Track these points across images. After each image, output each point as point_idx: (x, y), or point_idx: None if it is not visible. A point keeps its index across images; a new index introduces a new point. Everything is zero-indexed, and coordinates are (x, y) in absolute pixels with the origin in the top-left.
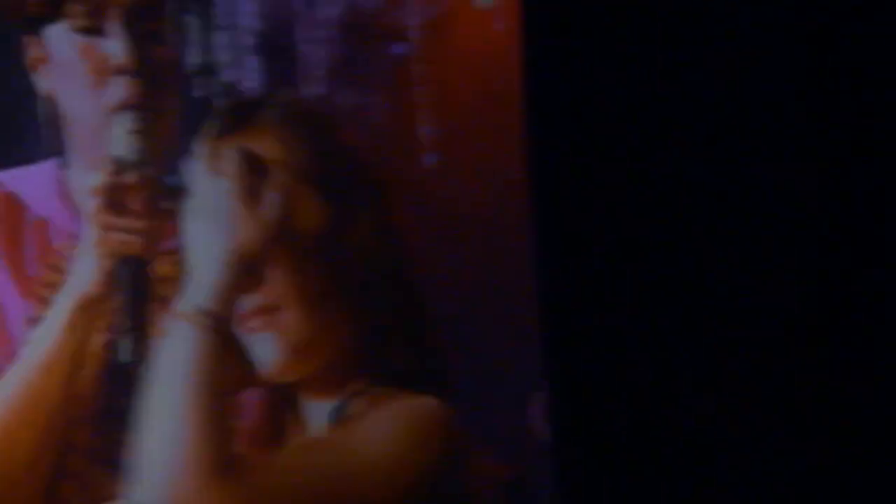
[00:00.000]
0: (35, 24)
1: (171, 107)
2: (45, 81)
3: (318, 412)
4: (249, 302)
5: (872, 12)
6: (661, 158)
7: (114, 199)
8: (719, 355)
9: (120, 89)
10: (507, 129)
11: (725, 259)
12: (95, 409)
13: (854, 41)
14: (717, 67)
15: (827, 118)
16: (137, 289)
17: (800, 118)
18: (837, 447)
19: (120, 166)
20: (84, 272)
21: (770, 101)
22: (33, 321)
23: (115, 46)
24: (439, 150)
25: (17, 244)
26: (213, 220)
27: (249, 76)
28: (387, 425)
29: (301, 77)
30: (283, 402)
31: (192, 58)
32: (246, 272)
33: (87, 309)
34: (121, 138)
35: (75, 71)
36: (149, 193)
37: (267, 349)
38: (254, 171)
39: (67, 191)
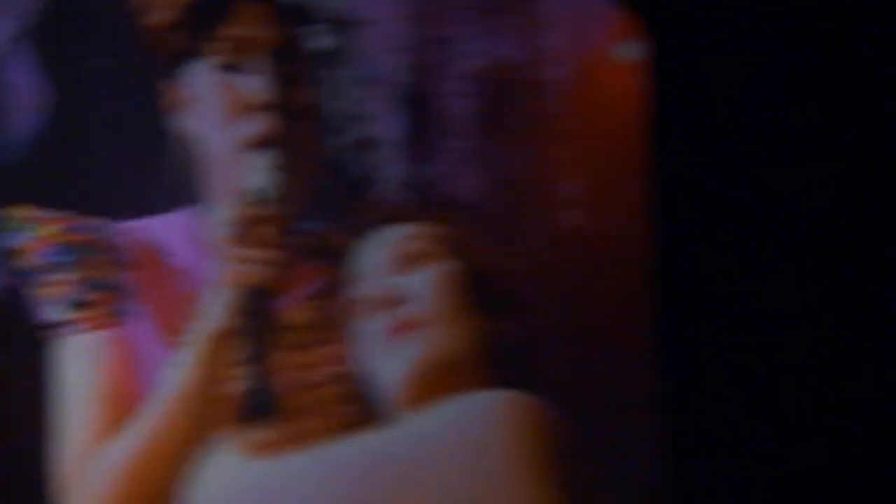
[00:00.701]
0: (176, 62)
1: (307, 147)
2: (184, 120)
3: None
4: (397, 314)
5: None
6: (787, 223)
7: (245, 230)
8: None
9: (258, 125)
10: (636, 185)
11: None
12: None
13: None
14: (852, 113)
15: None
16: (264, 320)
17: None
18: None
19: (253, 199)
20: (215, 306)
21: None
22: None
23: (255, 83)
24: (578, 207)
25: (157, 293)
26: None
27: (392, 128)
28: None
29: (442, 130)
30: None
31: (336, 106)
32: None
33: (218, 342)
34: (257, 172)
35: (213, 107)
36: (280, 228)
37: (401, 364)
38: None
39: (203, 238)
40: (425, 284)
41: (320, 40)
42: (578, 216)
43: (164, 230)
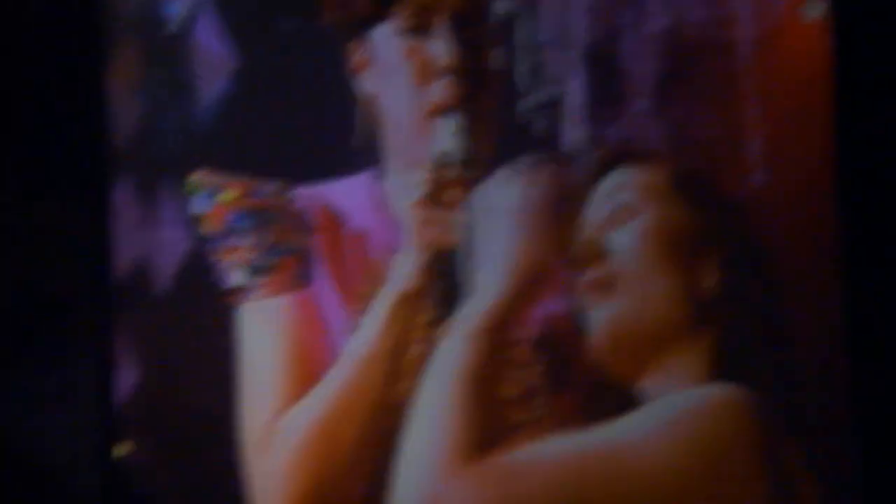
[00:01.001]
0: (362, 25)
1: (491, 111)
2: (368, 84)
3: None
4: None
5: None
6: None
7: (434, 193)
8: None
9: (445, 90)
10: (820, 145)
11: None
12: None
13: None
14: None
15: None
16: (454, 281)
17: None
18: None
19: (443, 163)
20: (403, 267)
21: None
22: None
23: (441, 48)
24: (765, 168)
25: (338, 257)
26: (509, 234)
27: (575, 90)
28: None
29: (627, 92)
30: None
31: (519, 68)
32: (529, 289)
33: (406, 303)
34: (445, 137)
35: (399, 72)
36: (469, 190)
37: (598, 321)
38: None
39: (384, 203)
40: (628, 239)
41: (505, 2)
42: (763, 177)
43: (346, 194)
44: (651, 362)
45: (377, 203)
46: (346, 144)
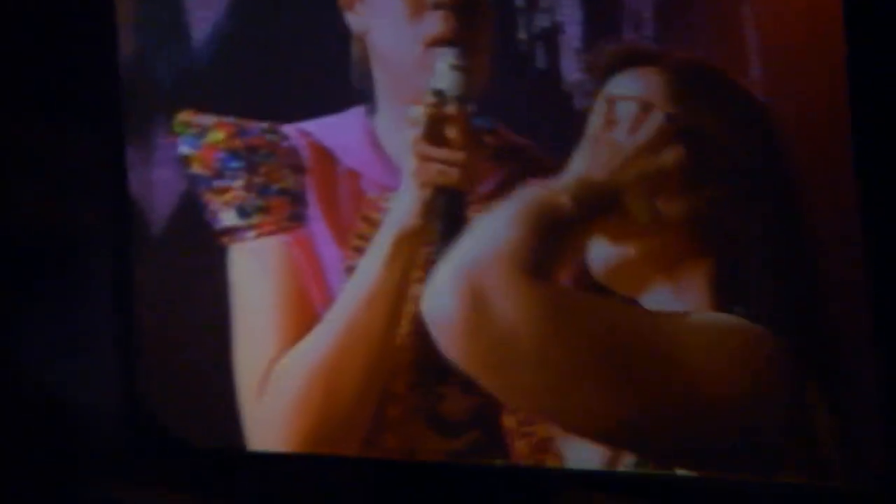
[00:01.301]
0: None
1: (486, 44)
2: (360, 19)
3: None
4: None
5: None
6: None
7: (433, 129)
8: None
9: (439, 23)
10: (831, 68)
11: None
12: (412, 361)
13: None
14: None
15: None
16: (453, 219)
17: None
18: None
19: (440, 99)
20: (403, 204)
21: None
22: (350, 270)
23: None
24: (769, 94)
25: (331, 196)
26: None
27: (572, 19)
28: (715, 336)
29: (626, 21)
30: None
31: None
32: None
33: (407, 241)
34: (442, 72)
35: (390, 5)
36: (467, 126)
37: (602, 253)
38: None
39: (377, 141)
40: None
41: None
42: (772, 103)
43: (338, 130)
44: (653, 281)
45: (370, 140)
46: (341, 80)
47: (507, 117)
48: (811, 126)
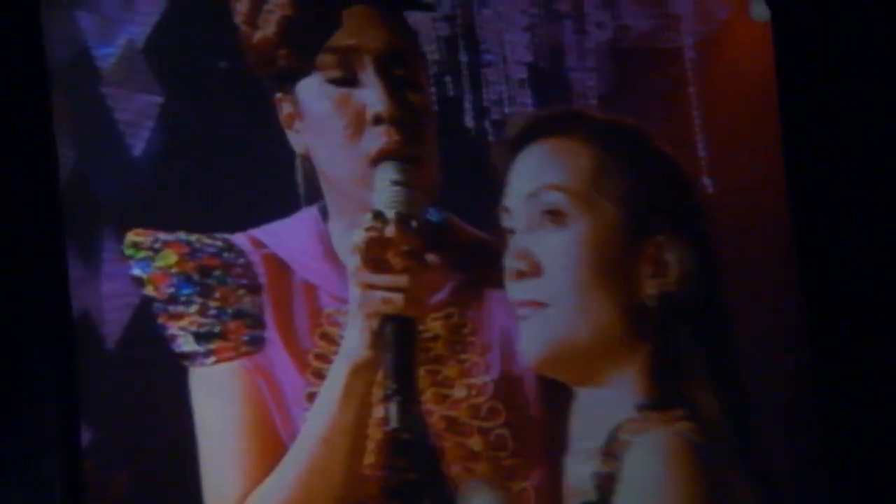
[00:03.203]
0: (287, 79)
1: (431, 153)
2: (301, 138)
3: (587, 398)
4: (523, 292)
5: None
6: None
7: (373, 255)
8: None
9: (378, 139)
10: (768, 148)
11: None
12: (380, 491)
13: None
14: None
15: None
16: (402, 350)
17: None
18: None
19: (380, 221)
20: (353, 336)
21: None
22: (311, 397)
23: (371, 95)
24: (714, 173)
25: (288, 313)
26: None
27: (521, 109)
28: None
29: (574, 107)
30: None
31: (463, 95)
32: None
33: (361, 375)
34: (384, 191)
35: (331, 124)
36: (411, 247)
37: (530, 338)
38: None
39: (331, 248)
40: (561, 250)
41: (442, 26)
42: (712, 183)
43: (293, 237)
44: (588, 371)
45: (325, 248)
46: (288, 187)
47: (462, 211)
48: (751, 200)
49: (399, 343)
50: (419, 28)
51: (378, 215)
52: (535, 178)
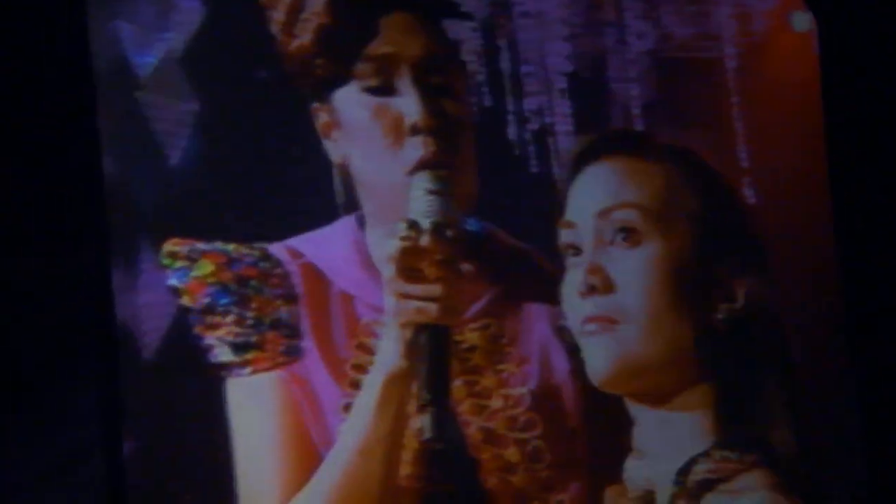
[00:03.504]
0: (324, 88)
1: (468, 162)
2: (338, 147)
3: (653, 418)
4: (594, 308)
5: None
6: None
7: (408, 265)
8: None
9: (416, 149)
10: (814, 157)
11: None
12: (419, 499)
13: None
14: None
15: None
16: (436, 359)
17: None
18: None
19: (414, 230)
20: (388, 346)
21: None
22: (347, 408)
23: (408, 104)
24: (757, 183)
25: (325, 323)
26: None
27: (561, 119)
28: None
29: (615, 117)
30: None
31: (503, 104)
32: None
33: (397, 385)
34: (419, 200)
35: (369, 134)
36: (446, 257)
37: (598, 356)
38: None
39: (369, 257)
40: (634, 269)
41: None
42: (756, 194)
43: (330, 247)
44: (656, 391)
45: (362, 257)
46: (325, 194)
47: (502, 221)
48: (795, 212)
49: (433, 352)
50: (461, 37)
51: (413, 225)
52: (607, 195)
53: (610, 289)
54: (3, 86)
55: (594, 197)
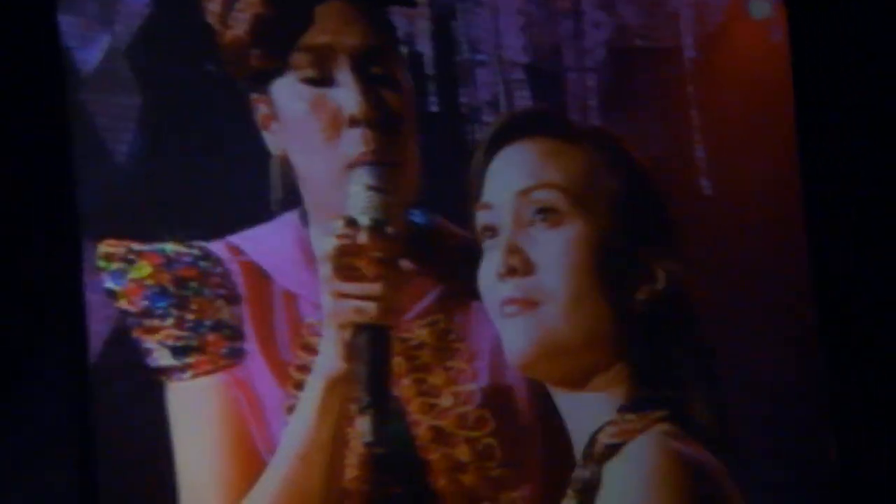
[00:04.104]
0: (261, 79)
1: (409, 156)
2: (277, 140)
3: (570, 402)
4: (513, 289)
5: None
6: None
7: (345, 263)
8: None
9: (355, 143)
10: (780, 144)
11: None
12: (367, 502)
13: None
14: None
15: None
16: (377, 361)
17: None
18: None
19: (352, 227)
20: (326, 348)
21: None
22: (291, 410)
23: (347, 96)
24: (714, 174)
25: (268, 324)
26: None
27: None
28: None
29: (572, 107)
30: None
31: (456, 95)
32: None
33: (337, 388)
34: (358, 195)
35: (306, 126)
36: (386, 255)
37: (518, 337)
38: None
39: (311, 254)
40: (555, 251)
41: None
42: (713, 184)
43: (272, 244)
44: (573, 373)
45: (305, 254)
46: (266, 193)
47: (453, 215)
48: (762, 198)
49: (373, 354)
50: (415, 27)
51: (350, 222)
52: (526, 175)
53: (530, 270)
54: None
55: (513, 177)
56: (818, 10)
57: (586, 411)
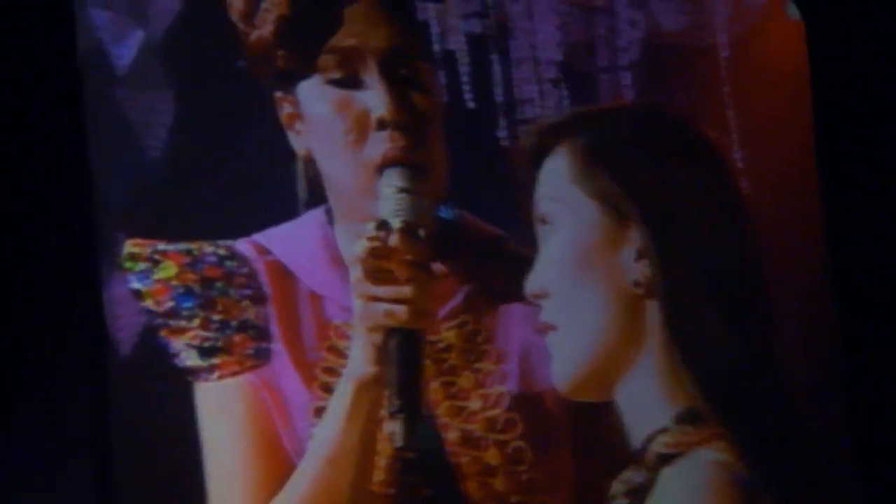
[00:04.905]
0: (286, 79)
1: (438, 158)
2: (300, 139)
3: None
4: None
5: None
6: None
7: (376, 266)
8: None
9: (383, 145)
10: (801, 148)
11: None
12: None
13: None
14: None
15: None
16: (407, 364)
17: None
18: None
19: (383, 230)
20: (356, 352)
21: None
22: (318, 412)
23: (375, 98)
24: (750, 173)
25: (294, 324)
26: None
27: (551, 110)
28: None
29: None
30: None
31: (494, 96)
32: None
33: (367, 392)
34: (389, 198)
35: (332, 128)
36: (417, 257)
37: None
38: None
39: (338, 254)
40: (550, 258)
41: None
42: (746, 184)
43: (298, 243)
44: (613, 377)
45: (331, 254)
46: (293, 191)
47: (485, 215)
48: (783, 202)
49: (404, 357)
50: (449, 26)
51: (382, 224)
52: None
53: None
54: None
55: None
56: (837, 13)
57: (643, 413)
